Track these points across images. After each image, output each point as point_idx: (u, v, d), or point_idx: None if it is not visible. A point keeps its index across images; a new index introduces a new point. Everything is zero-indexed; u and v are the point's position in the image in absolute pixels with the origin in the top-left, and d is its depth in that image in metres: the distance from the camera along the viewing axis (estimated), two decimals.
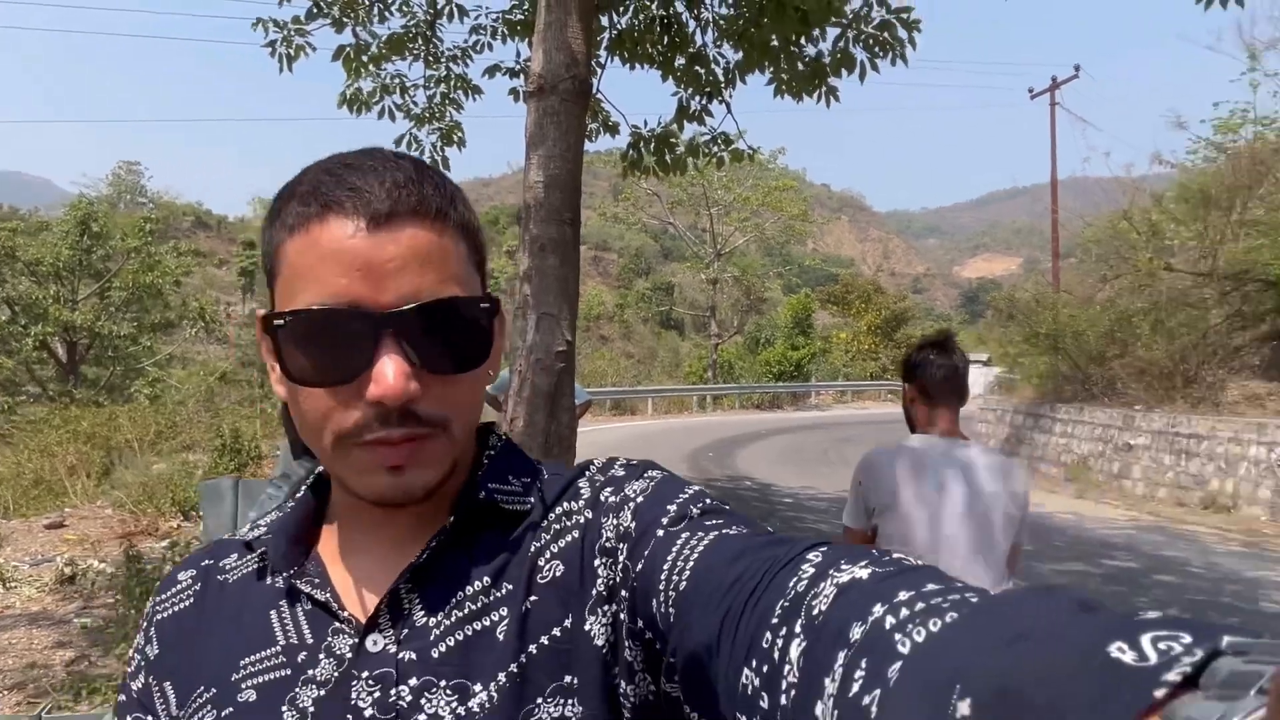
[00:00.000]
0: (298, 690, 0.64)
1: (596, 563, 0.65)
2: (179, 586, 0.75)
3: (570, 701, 0.63)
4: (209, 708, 0.66)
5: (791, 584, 0.49)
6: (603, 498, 0.69)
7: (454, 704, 0.62)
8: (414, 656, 0.63)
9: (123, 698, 0.72)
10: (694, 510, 0.62)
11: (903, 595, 0.43)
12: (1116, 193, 18.92)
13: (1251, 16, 31.12)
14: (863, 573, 0.47)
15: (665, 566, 0.58)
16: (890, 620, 0.41)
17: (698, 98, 7.82)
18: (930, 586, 0.43)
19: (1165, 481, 14.06)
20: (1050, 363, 17.64)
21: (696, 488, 0.67)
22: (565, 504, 0.70)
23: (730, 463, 16.72)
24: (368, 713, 0.62)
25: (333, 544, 0.72)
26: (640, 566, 0.61)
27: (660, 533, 0.61)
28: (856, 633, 0.42)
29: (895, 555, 0.50)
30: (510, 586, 0.66)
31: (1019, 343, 18.84)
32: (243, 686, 0.66)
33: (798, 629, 0.46)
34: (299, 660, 0.65)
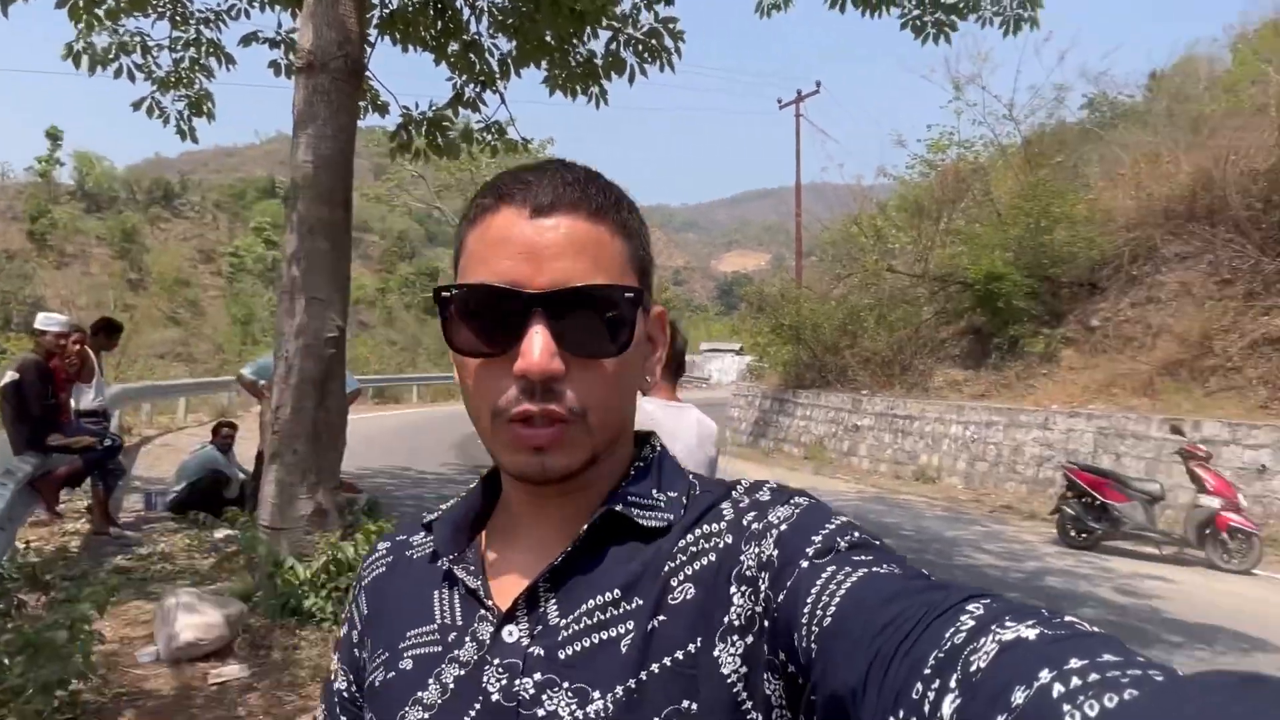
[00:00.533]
0: (444, 667, 0.70)
1: (733, 590, 0.64)
2: (378, 554, 0.84)
3: None
4: (381, 668, 0.75)
5: (949, 634, 0.47)
6: (745, 523, 0.67)
7: (572, 706, 0.64)
8: (541, 653, 0.67)
9: (339, 644, 0.84)
10: (841, 543, 0.60)
11: (1075, 663, 0.40)
12: (849, 199, 21.09)
13: (957, 53, 35.73)
14: (1030, 632, 0.44)
15: (809, 600, 0.56)
16: (1059, 688, 0.39)
17: (472, 85, 7.84)
18: (1107, 657, 0.40)
19: (885, 458, 15.92)
20: (793, 352, 19.33)
21: (844, 518, 0.64)
22: (705, 525, 0.69)
23: None
24: (494, 697, 0.67)
25: (496, 531, 0.78)
26: (782, 598, 0.59)
27: (805, 564, 0.59)
28: (1019, 697, 0.40)
29: (1068, 619, 0.46)
30: (640, 601, 0.66)
31: (767, 333, 20.46)
32: (405, 655, 0.73)
33: (952, 683, 0.44)
34: (449, 640, 0.71)
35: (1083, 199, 15.64)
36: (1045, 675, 0.40)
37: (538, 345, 0.64)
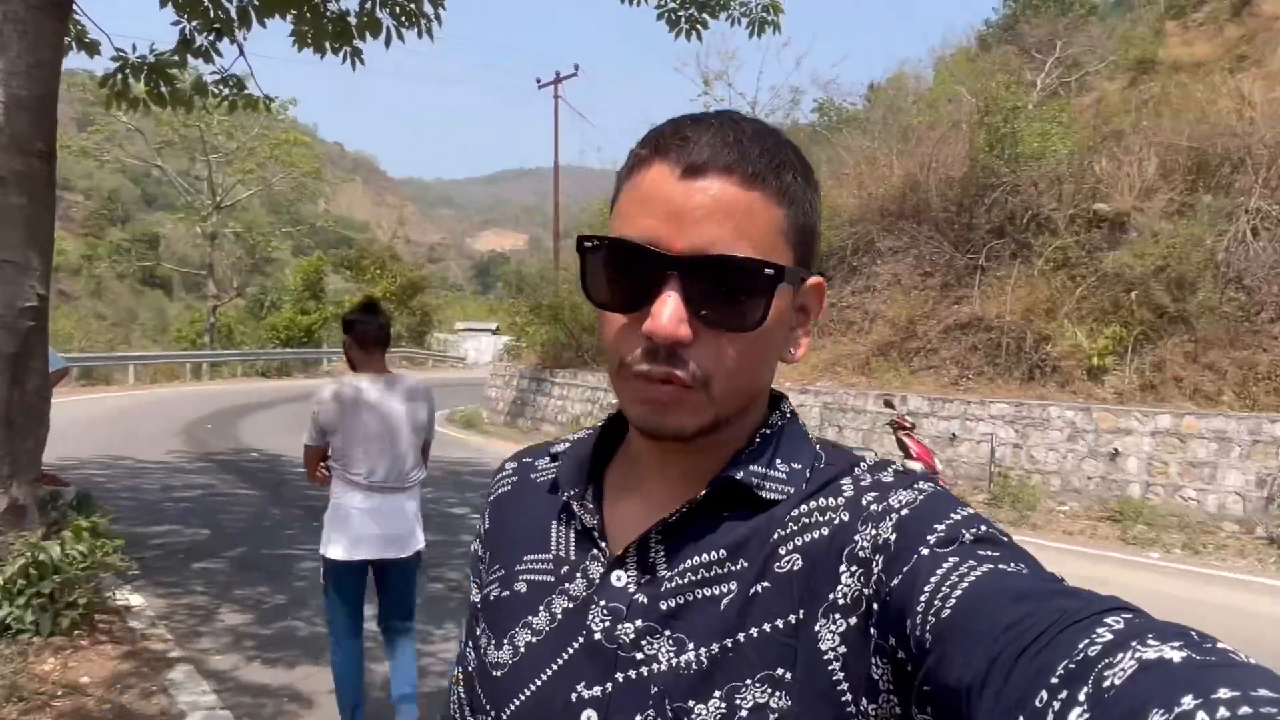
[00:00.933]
0: (554, 597, 0.72)
1: (842, 568, 0.63)
2: (505, 473, 0.86)
3: (779, 694, 0.62)
4: (496, 585, 0.78)
5: (1082, 645, 0.44)
6: (864, 502, 0.65)
7: (671, 655, 0.65)
8: (645, 601, 0.68)
9: (473, 551, 0.86)
10: (966, 535, 0.58)
11: (1224, 693, 0.37)
12: (607, 183, 21.49)
13: (707, 49, 37.58)
14: (1175, 654, 0.41)
15: (927, 589, 0.54)
16: (1203, 717, 0.36)
17: (205, 33, 7.08)
18: (1263, 691, 0.37)
19: None
20: (551, 332, 19.49)
21: (971, 510, 0.62)
22: (822, 499, 0.68)
23: (233, 434, 15.45)
24: (596, 635, 0.69)
25: (617, 474, 0.78)
26: (896, 583, 0.57)
27: (925, 551, 0.57)
28: None
29: (1221, 645, 0.43)
30: (746, 564, 0.66)
31: (525, 313, 20.47)
32: (520, 577, 0.76)
33: (1081, 696, 0.42)
34: (562, 572, 0.73)
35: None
36: (1189, 702, 0.37)
37: (667, 310, 0.63)
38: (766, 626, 0.64)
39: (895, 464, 0.71)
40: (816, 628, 0.62)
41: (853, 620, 0.61)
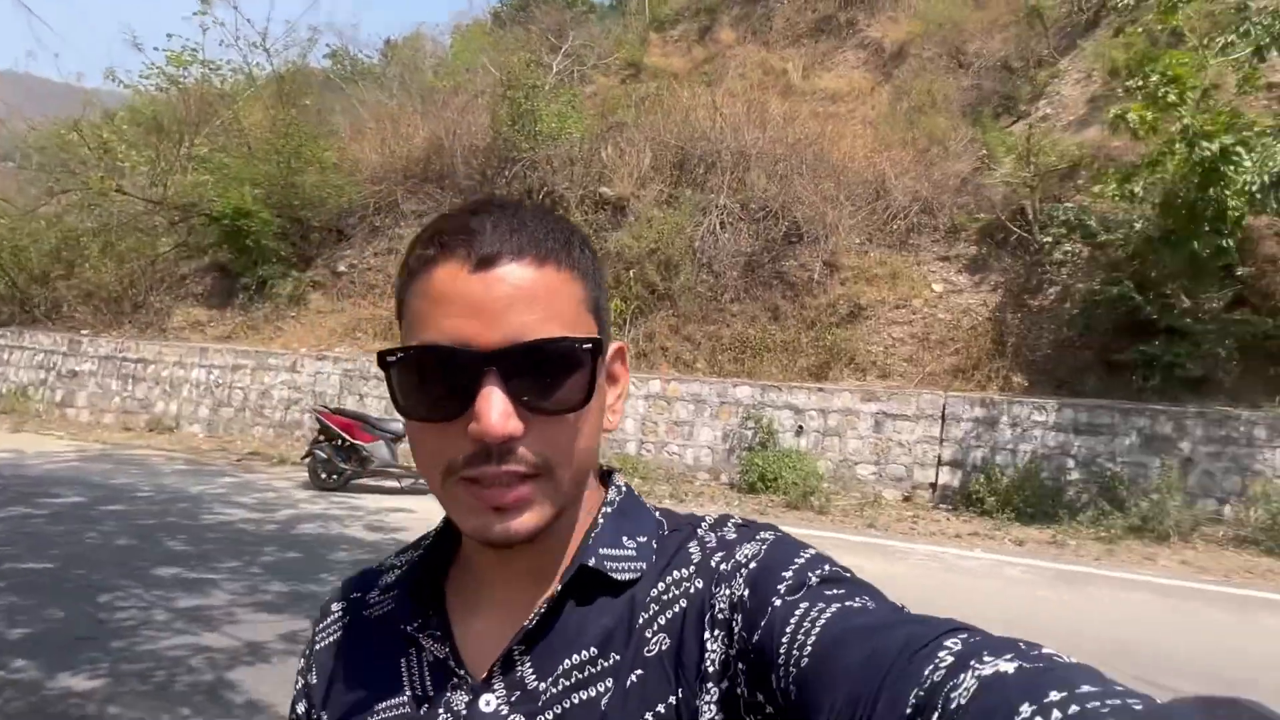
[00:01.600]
0: None
1: (706, 636, 0.62)
2: (332, 617, 0.79)
3: None
4: None
5: (928, 671, 0.47)
6: (713, 564, 0.66)
7: None
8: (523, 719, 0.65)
9: (296, 713, 0.78)
10: (812, 578, 0.60)
11: (1054, 695, 0.41)
12: (68, 99, 17.54)
13: None
14: (1008, 666, 0.44)
15: (784, 639, 0.55)
16: None
17: None
18: (1085, 688, 0.41)
19: (113, 408, 13.96)
20: None
21: (813, 551, 0.63)
22: (675, 571, 0.67)
23: None
24: None
25: (462, 591, 0.73)
26: (757, 638, 0.58)
27: (777, 602, 0.58)
28: None
29: (1046, 650, 0.47)
30: (617, 657, 0.65)
31: None
32: None
33: None
34: (422, 713, 0.68)
35: (332, 146, 15.99)
36: (1026, 709, 0.41)
37: (494, 408, 0.61)
38: (649, 716, 0.63)
39: (734, 517, 0.71)
40: (696, 702, 0.62)
41: (724, 685, 0.61)
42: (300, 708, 0.77)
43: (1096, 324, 10.35)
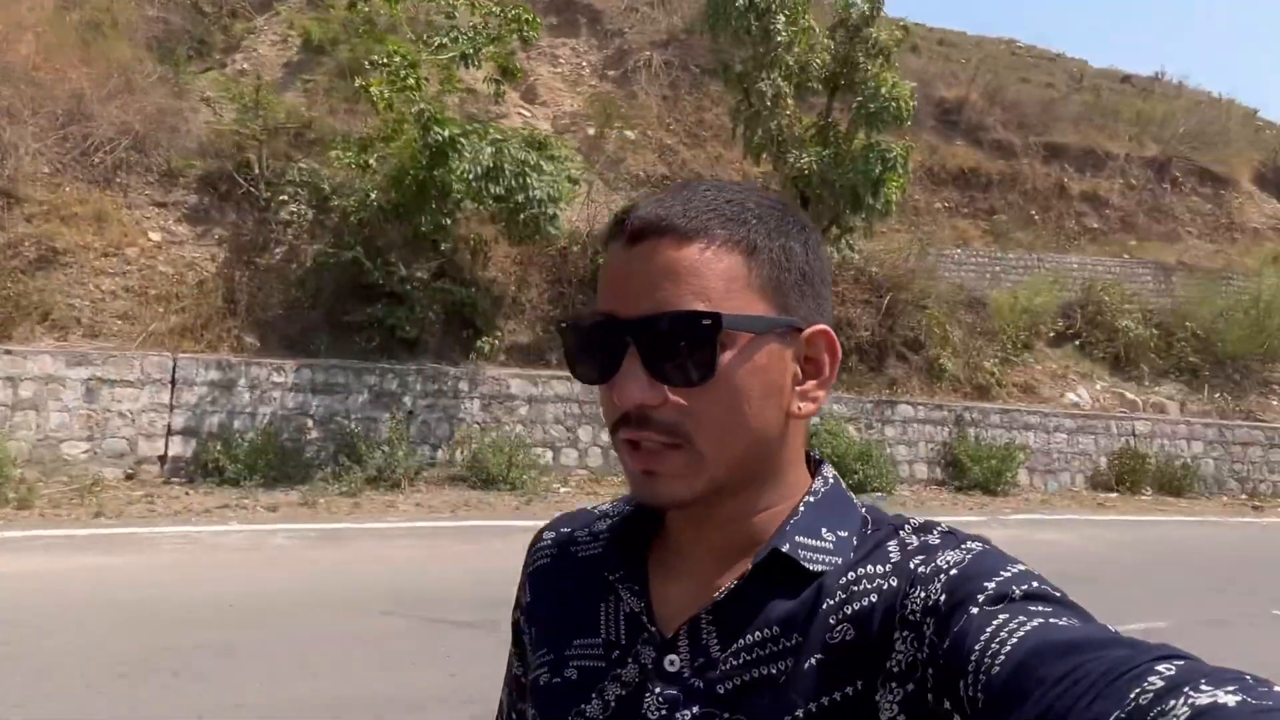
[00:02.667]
0: (606, 683, 0.71)
1: (895, 635, 0.62)
2: (544, 544, 0.85)
3: None
4: (545, 669, 0.77)
5: (1134, 694, 0.44)
6: (912, 565, 0.65)
7: None
8: (701, 685, 0.67)
9: (512, 624, 0.86)
10: (1016, 591, 0.58)
11: None
12: None
13: None
14: (1229, 699, 0.41)
15: (977, 648, 0.54)
16: None
17: None
18: None
19: None
20: None
21: (1023, 566, 0.61)
22: (869, 566, 0.68)
23: None
24: None
25: (660, 553, 0.76)
26: (948, 644, 0.57)
27: (974, 610, 0.57)
28: None
29: (1277, 689, 0.43)
30: (800, 638, 0.66)
31: None
32: (570, 663, 0.75)
33: None
34: (613, 657, 0.72)
35: None
36: None
37: (628, 375, 0.65)
38: (825, 701, 0.63)
39: (940, 524, 0.69)
40: (876, 698, 0.61)
41: (909, 687, 0.60)
42: (517, 617, 0.84)
43: (326, 287, 10.67)
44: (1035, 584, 0.59)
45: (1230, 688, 0.42)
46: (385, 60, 9.04)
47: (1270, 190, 25.88)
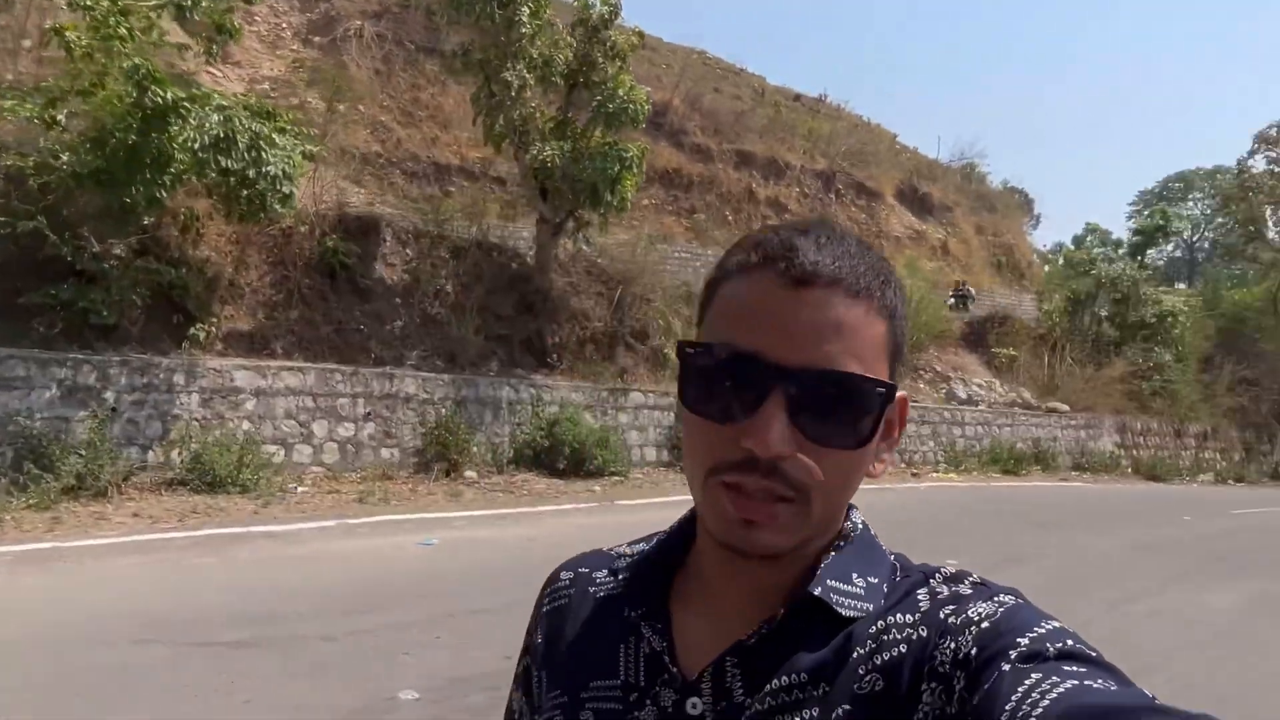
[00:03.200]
0: None
1: (923, 686, 0.60)
2: (561, 584, 0.82)
3: None
4: (559, 712, 0.73)
5: None
6: (942, 615, 0.63)
7: None
8: None
9: (519, 669, 0.83)
10: (1051, 649, 0.56)
11: None
12: None
13: None
14: None
15: (1008, 708, 0.52)
16: None
17: None
18: None
19: None
20: None
21: (1057, 624, 0.60)
22: (898, 614, 0.66)
23: None
24: None
25: (686, 589, 0.73)
26: (979, 699, 0.55)
27: (1006, 667, 0.55)
28: None
29: None
30: (827, 688, 0.63)
31: None
32: (586, 705, 0.71)
33: None
34: (631, 700, 0.69)
35: None
36: None
37: (773, 425, 0.62)
38: None
39: (972, 575, 0.68)
40: None
41: None
42: (525, 662, 0.81)
43: (3, 263, 8.93)
44: (1070, 642, 0.57)
45: None
46: (88, 2, 7.73)
47: (908, 205, 30.33)
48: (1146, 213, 45.21)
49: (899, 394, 0.69)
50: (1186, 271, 51.28)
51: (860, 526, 0.72)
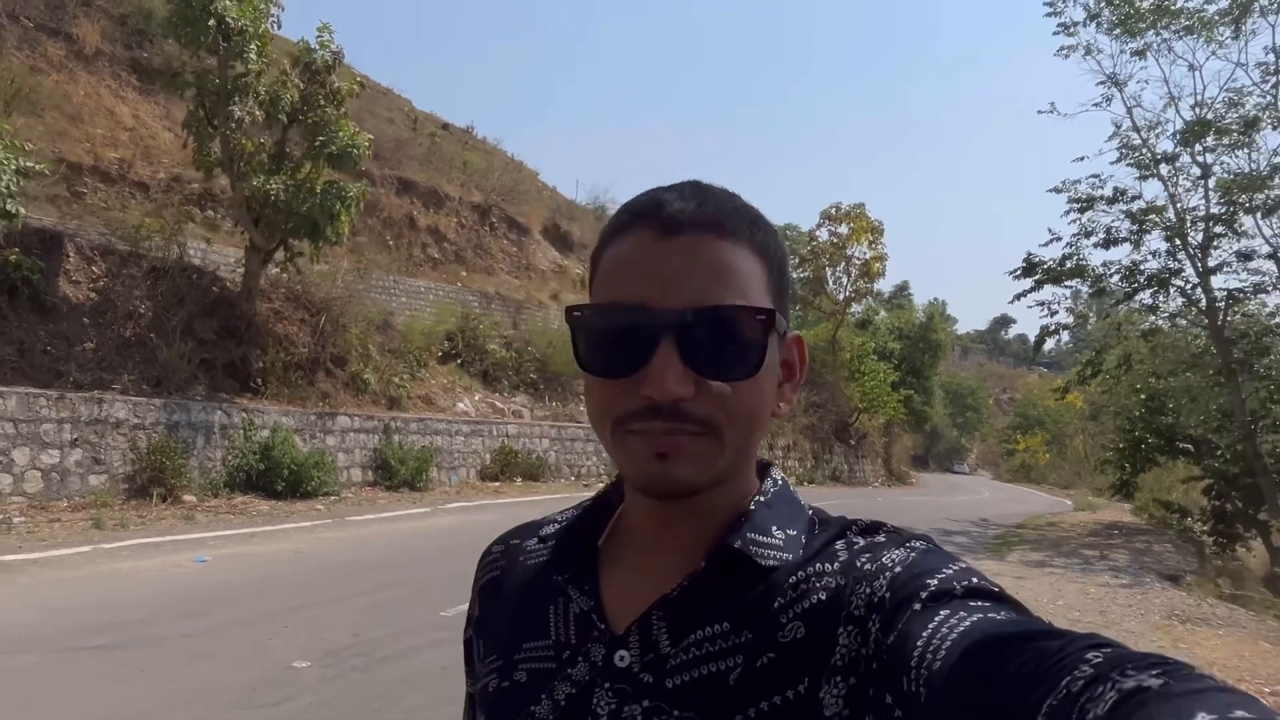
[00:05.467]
0: (556, 684, 0.70)
1: (840, 631, 0.63)
2: (492, 557, 0.84)
3: None
4: (494, 675, 0.75)
5: (1065, 682, 0.45)
6: (859, 564, 0.66)
7: None
8: (651, 680, 0.66)
9: (465, 642, 0.84)
10: (958, 587, 0.58)
11: (1203, 717, 0.38)
12: None
13: None
14: (1154, 681, 0.42)
15: (919, 643, 0.55)
16: None
17: None
18: (1239, 714, 0.38)
19: None
20: None
21: (964, 563, 0.62)
22: (818, 564, 0.68)
23: None
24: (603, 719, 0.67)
25: (614, 550, 0.76)
26: (892, 639, 0.57)
27: (918, 606, 0.58)
28: None
29: (1198, 671, 0.43)
30: (750, 636, 0.66)
31: None
32: (519, 666, 0.73)
33: None
34: (563, 657, 0.71)
35: None
36: None
37: (666, 367, 0.64)
38: (777, 699, 0.63)
39: (886, 525, 0.71)
40: (820, 694, 0.62)
41: (852, 681, 0.61)
42: (468, 634, 0.83)
43: None
44: (975, 580, 0.60)
45: (1154, 671, 0.43)
46: None
47: (551, 240, 32.71)
48: None
49: (793, 334, 0.73)
50: None
51: (780, 483, 0.75)
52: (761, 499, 0.72)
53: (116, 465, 10.83)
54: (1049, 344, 19.69)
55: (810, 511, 0.74)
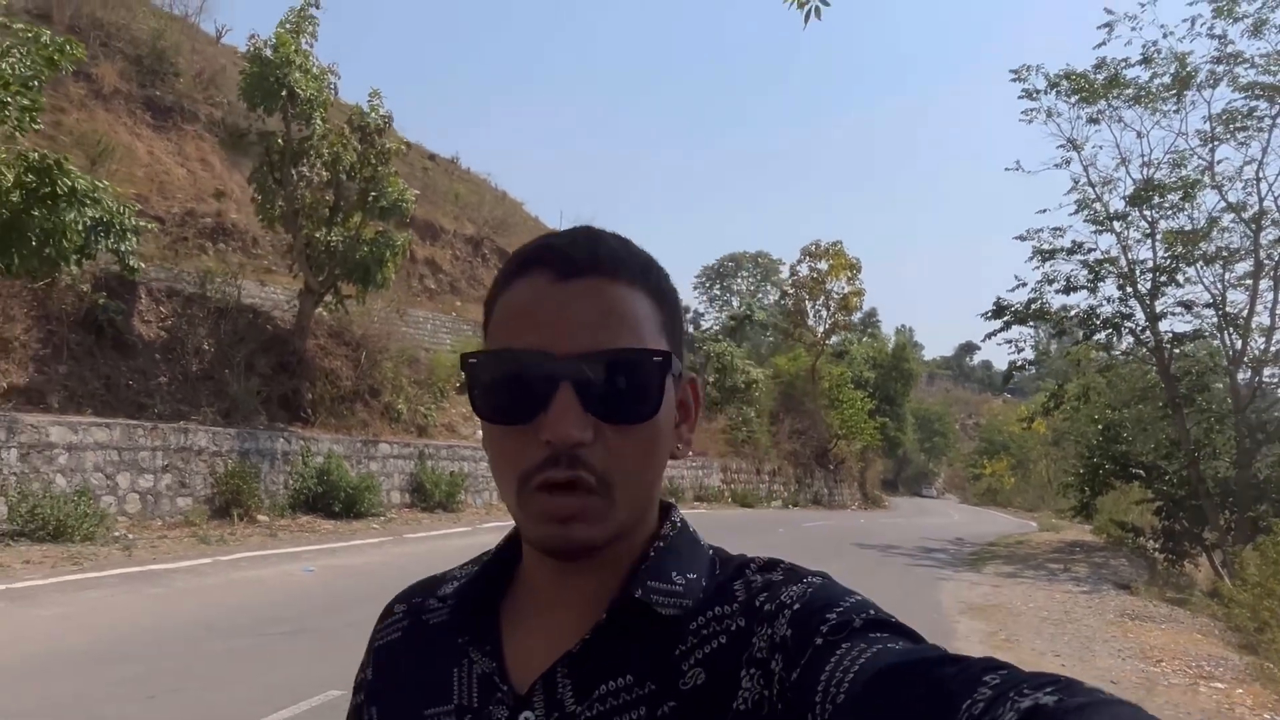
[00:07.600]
0: None
1: (743, 674, 0.63)
2: (394, 617, 0.80)
3: None
4: None
5: (965, 706, 0.47)
6: (758, 604, 0.66)
7: None
8: None
9: (351, 708, 0.81)
10: (856, 620, 0.59)
11: None
12: None
13: None
14: (1049, 699, 0.44)
15: (823, 679, 0.55)
16: None
17: None
18: None
19: None
20: None
21: (860, 596, 0.63)
22: (717, 607, 0.68)
23: None
24: None
25: (516, 608, 0.74)
26: (795, 677, 0.58)
27: (819, 641, 0.58)
28: None
29: (1089, 686, 0.46)
30: (653, 687, 0.65)
31: None
32: None
33: None
34: None
35: None
36: None
37: (565, 412, 0.63)
38: None
39: (783, 562, 0.71)
40: None
41: None
42: (356, 700, 0.80)
43: None
44: (873, 612, 0.61)
45: (1048, 689, 0.45)
46: None
47: None
48: (739, 304, 54.06)
49: (689, 375, 0.73)
50: (739, 338, 63.52)
51: (680, 525, 0.75)
52: (661, 543, 0.72)
53: (199, 488, 12.12)
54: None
55: (711, 552, 0.74)
